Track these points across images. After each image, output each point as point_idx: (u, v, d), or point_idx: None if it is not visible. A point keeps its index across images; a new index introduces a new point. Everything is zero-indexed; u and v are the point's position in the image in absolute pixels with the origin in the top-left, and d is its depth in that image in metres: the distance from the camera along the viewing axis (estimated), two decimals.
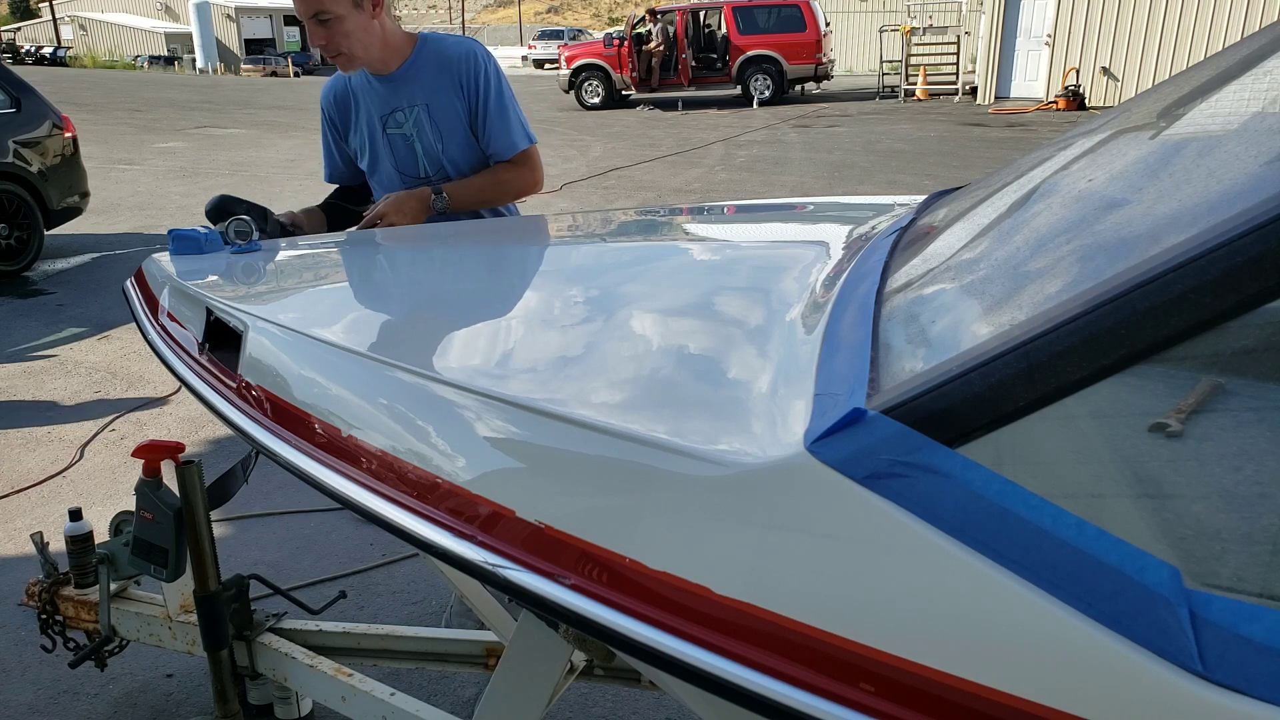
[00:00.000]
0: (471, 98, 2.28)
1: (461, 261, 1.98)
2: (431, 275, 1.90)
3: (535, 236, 2.22)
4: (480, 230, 2.25)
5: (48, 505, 3.30)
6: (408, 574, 2.83)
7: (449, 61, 2.27)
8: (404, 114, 2.30)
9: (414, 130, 2.31)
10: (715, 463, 0.89)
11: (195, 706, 2.28)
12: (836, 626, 0.79)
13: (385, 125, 2.33)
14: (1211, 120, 1.17)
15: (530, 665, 1.44)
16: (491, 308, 1.55)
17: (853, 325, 1.07)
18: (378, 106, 2.32)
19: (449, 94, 2.27)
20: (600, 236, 2.18)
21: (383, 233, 2.19)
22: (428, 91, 2.28)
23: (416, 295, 1.73)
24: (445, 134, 2.30)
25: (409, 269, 1.94)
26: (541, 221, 2.40)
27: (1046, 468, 0.83)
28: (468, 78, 2.26)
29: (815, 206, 2.49)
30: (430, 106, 2.28)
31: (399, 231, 2.17)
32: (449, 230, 2.20)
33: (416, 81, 2.28)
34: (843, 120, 15.63)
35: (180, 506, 1.75)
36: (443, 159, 2.33)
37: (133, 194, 9.46)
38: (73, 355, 4.86)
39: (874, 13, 28.30)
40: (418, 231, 2.17)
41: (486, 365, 1.24)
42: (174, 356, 1.64)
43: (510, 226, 2.35)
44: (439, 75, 2.27)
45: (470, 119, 2.30)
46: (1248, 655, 0.66)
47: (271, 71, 37.55)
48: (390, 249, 2.05)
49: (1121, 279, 0.73)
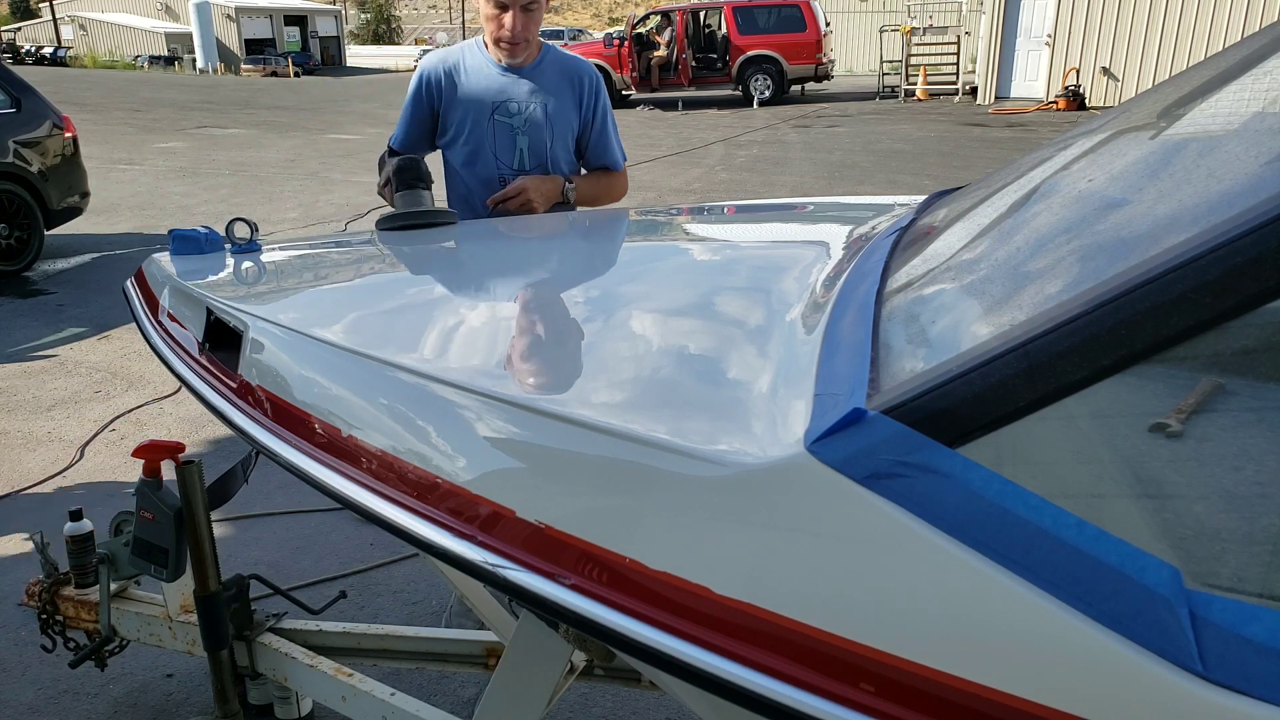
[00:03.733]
0: (588, 111, 2.48)
1: (460, 261, 1.98)
2: (430, 275, 1.90)
3: (535, 236, 2.22)
4: (480, 230, 2.25)
5: (48, 505, 3.30)
6: (408, 574, 2.83)
7: (573, 73, 2.46)
8: (518, 106, 2.41)
9: (524, 124, 2.42)
10: (715, 463, 0.89)
11: (195, 706, 2.28)
12: (836, 626, 0.79)
13: (494, 112, 2.41)
14: (1211, 120, 1.17)
15: (530, 665, 1.44)
16: (492, 307, 1.55)
17: (853, 325, 1.07)
18: (492, 93, 2.40)
19: (568, 101, 2.45)
20: (599, 237, 2.18)
21: (382, 233, 2.19)
22: (548, 93, 2.42)
23: (416, 295, 1.73)
24: (556, 135, 2.44)
25: (408, 268, 1.94)
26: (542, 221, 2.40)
27: (1047, 468, 0.83)
28: (589, 93, 2.48)
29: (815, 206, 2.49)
30: (548, 106, 2.42)
31: (397, 234, 2.17)
32: (448, 230, 2.20)
33: (539, 81, 2.42)
34: (843, 120, 15.63)
35: (180, 506, 1.74)
36: (547, 156, 2.45)
37: (133, 194, 9.46)
38: (73, 355, 4.86)
39: (874, 13, 28.30)
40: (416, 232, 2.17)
41: (486, 365, 1.24)
42: (174, 356, 1.64)
43: (510, 226, 2.35)
44: (561, 82, 2.44)
45: (581, 129, 2.49)
46: (1248, 655, 0.66)
47: (271, 72, 37.55)
48: (389, 249, 2.05)
49: (1122, 279, 0.73)
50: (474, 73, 2.41)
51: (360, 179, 10.29)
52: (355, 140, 13.94)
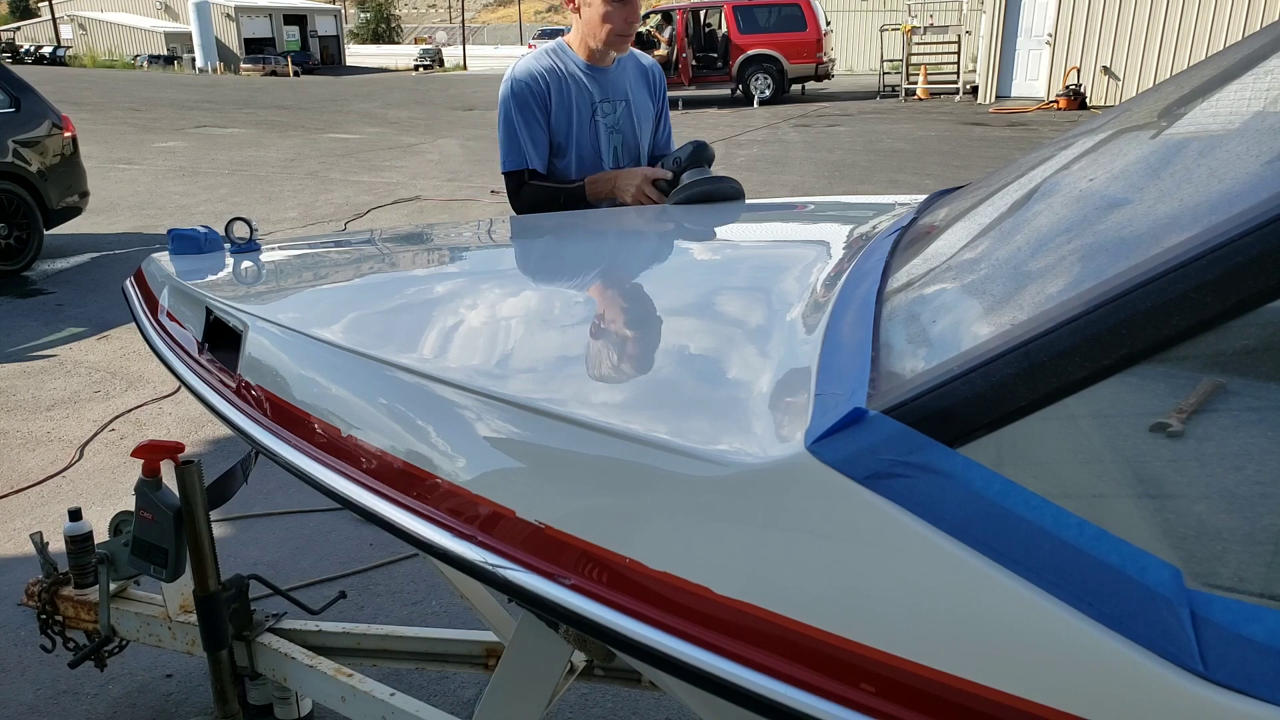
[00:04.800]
0: (658, 104, 2.59)
1: (461, 261, 1.98)
2: (430, 274, 1.90)
3: (535, 236, 2.22)
4: (480, 230, 2.25)
5: (47, 505, 3.30)
6: (408, 574, 2.83)
7: (644, 69, 2.56)
8: (611, 105, 2.48)
9: (618, 122, 2.49)
10: (716, 463, 0.89)
11: (195, 706, 2.28)
12: (836, 626, 0.79)
13: (593, 114, 2.45)
14: (1212, 120, 1.17)
15: (530, 665, 1.44)
16: (491, 307, 1.55)
17: (853, 325, 1.07)
18: (587, 95, 2.44)
19: (645, 96, 2.54)
20: (600, 236, 2.18)
21: (381, 233, 2.19)
22: (631, 90, 2.50)
23: (416, 294, 1.73)
24: (641, 130, 2.53)
25: (407, 268, 1.94)
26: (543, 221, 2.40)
27: (1047, 467, 0.83)
28: (657, 87, 2.59)
29: (815, 206, 2.49)
30: (631, 104, 2.50)
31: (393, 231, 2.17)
32: (447, 230, 2.20)
33: (623, 79, 2.49)
34: (843, 120, 15.63)
35: (180, 506, 1.74)
36: (638, 151, 2.53)
37: (132, 193, 9.45)
38: (72, 355, 4.85)
39: (875, 12, 28.28)
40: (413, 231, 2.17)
41: (486, 365, 1.24)
42: (174, 356, 1.64)
43: (510, 226, 2.35)
44: (637, 78, 2.53)
45: (654, 122, 2.59)
46: (1249, 655, 0.66)
47: (271, 71, 37.53)
48: (389, 248, 2.05)
49: (1122, 279, 0.73)
50: (569, 77, 2.42)
51: (360, 178, 10.30)
52: (355, 140, 13.94)
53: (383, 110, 18.88)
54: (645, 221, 2.17)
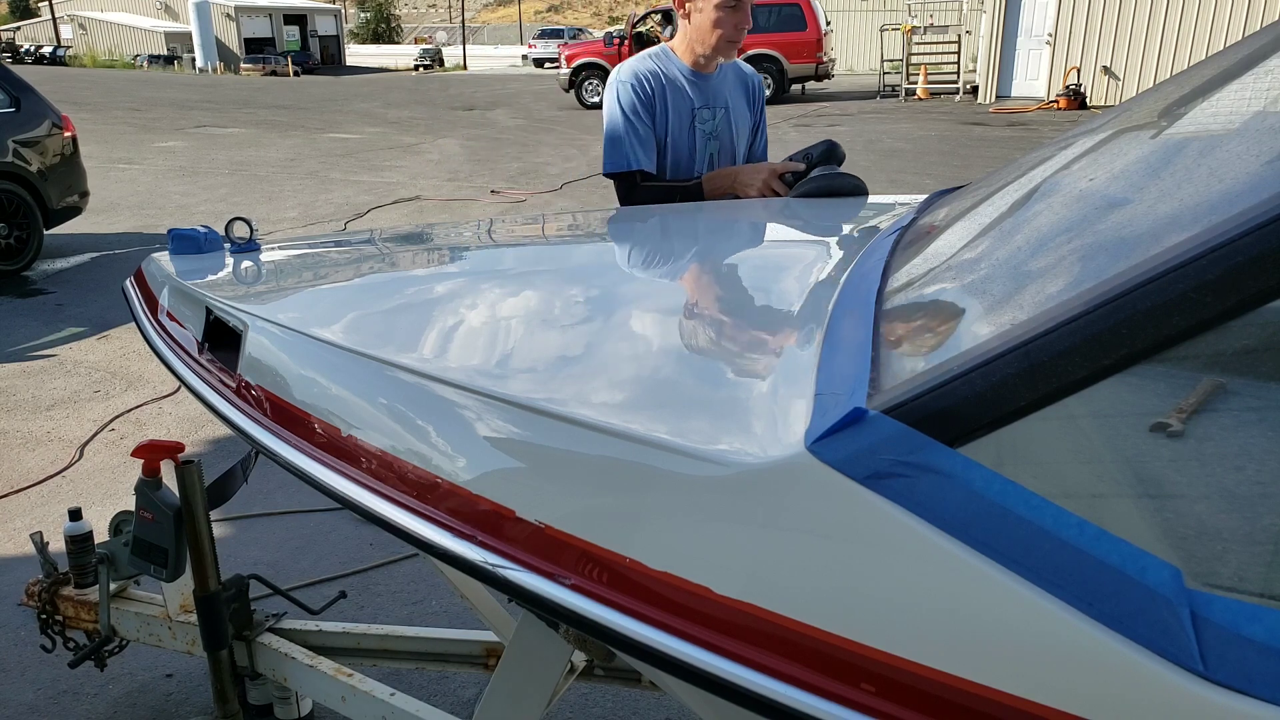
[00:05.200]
0: (756, 112, 2.61)
1: (461, 261, 1.98)
2: (430, 274, 1.90)
3: (536, 236, 2.22)
4: (480, 230, 2.25)
5: (47, 505, 3.30)
6: (408, 574, 2.83)
7: (744, 76, 2.59)
8: (710, 112, 2.48)
9: (716, 128, 2.49)
10: (716, 463, 0.89)
11: (195, 706, 2.28)
12: (836, 626, 0.79)
13: (693, 119, 2.46)
14: (1212, 119, 1.17)
15: (530, 665, 1.44)
16: (491, 307, 1.55)
17: (853, 325, 1.07)
18: (687, 100, 2.45)
19: (743, 103, 2.55)
20: (600, 236, 2.18)
21: (381, 233, 2.19)
22: (731, 97, 2.51)
23: (416, 294, 1.73)
24: (738, 138, 2.54)
25: (407, 268, 1.94)
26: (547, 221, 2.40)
27: (1047, 467, 0.83)
28: (756, 94, 2.61)
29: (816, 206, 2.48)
30: (730, 111, 2.51)
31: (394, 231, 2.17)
32: (447, 229, 2.20)
33: (723, 86, 2.50)
34: (843, 119, 15.62)
35: (180, 506, 1.74)
36: (734, 159, 2.54)
37: (132, 193, 9.45)
38: (73, 355, 4.85)
39: (875, 12, 28.28)
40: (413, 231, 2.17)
41: (487, 365, 1.24)
42: (174, 356, 1.64)
43: (510, 226, 2.35)
44: (737, 85, 2.55)
45: (751, 132, 2.60)
46: (1249, 655, 0.66)
47: (271, 71, 37.54)
48: (389, 248, 2.05)
49: (1122, 279, 0.73)
50: (672, 82, 2.44)
51: (360, 178, 10.30)
52: (355, 139, 13.94)
53: (383, 110, 18.88)
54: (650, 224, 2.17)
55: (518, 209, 8.73)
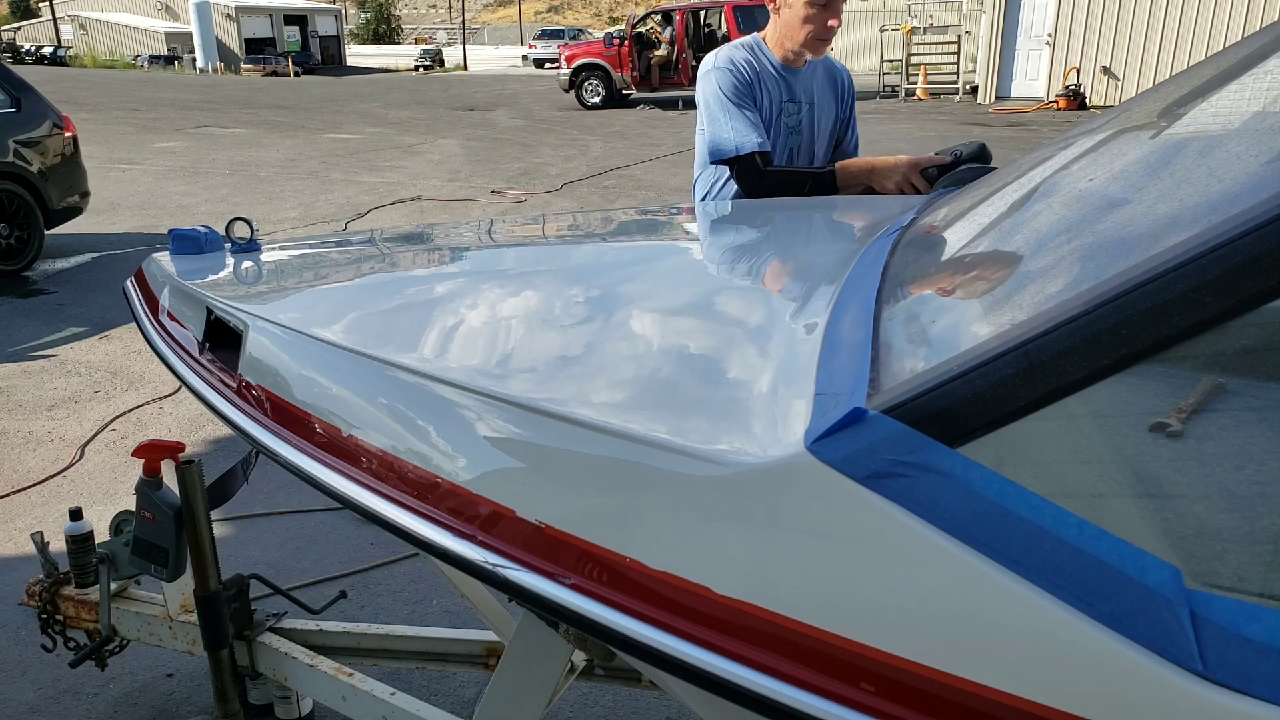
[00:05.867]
0: (844, 108, 2.59)
1: (461, 261, 1.98)
2: (430, 274, 1.90)
3: (536, 236, 2.22)
4: (480, 230, 2.25)
5: (48, 505, 3.30)
6: (408, 574, 2.83)
7: (834, 73, 2.57)
8: (795, 106, 2.48)
9: (799, 123, 2.49)
10: (716, 462, 0.89)
11: (195, 706, 2.28)
12: (836, 626, 0.79)
13: (781, 113, 2.46)
14: (1212, 120, 1.17)
15: (530, 665, 1.44)
16: (491, 307, 1.55)
17: (853, 325, 1.07)
18: (777, 93, 2.45)
19: (830, 100, 2.54)
20: (600, 236, 2.18)
21: (381, 233, 2.19)
22: (819, 94, 2.51)
23: (417, 294, 1.73)
24: (819, 134, 2.52)
25: (408, 268, 1.94)
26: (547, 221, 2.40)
27: (1047, 467, 0.83)
28: (845, 91, 2.59)
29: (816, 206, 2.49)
30: (815, 107, 2.50)
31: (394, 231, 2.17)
32: (447, 230, 2.20)
33: (812, 82, 2.50)
34: None
35: (180, 506, 1.74)
36: (814, 156, 2.52)
37: (133, 193, 9.46)
38: (73, 355, 4.85)
39: (874, 12, 28.27)
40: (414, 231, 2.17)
41: (487, 365, 1.24)
42: (174, 356, 1.64)
43: (510, 226, 2.35)
44: (825, 82, 2.53)
45: (836, 125, 2.58)
46: (1248, 655, 0.66)
47: (271, 71, 37.54)
48: (389, 248, 2.05)
49: (1122, 279, 0.73)
50: (764, 74, 2.44)
51: (360, 178, 10.30)
52: (355, 140, 13.95)
53: (383, 110, 18.88)
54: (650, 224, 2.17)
55: (518, 209, 8.73)
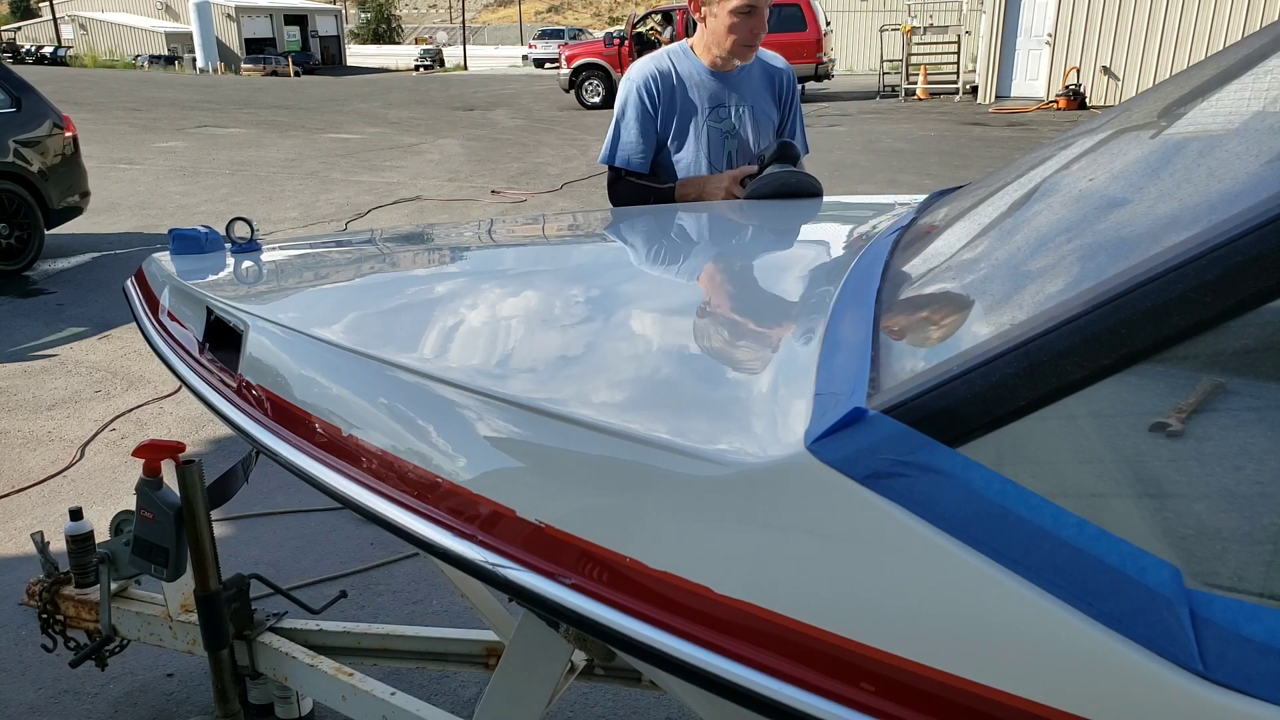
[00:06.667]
0: (785, 107, 2.57)
1: (462, 261, 1.98)
2: (430, 274, 1.90)
3: (536, 236, 2.22)
4: (480, 230, 2.25)
5: (48, 505, 3.30)
6: (408, 574, 2.83)
7: (772, 72, 2.54)
8: (728, 110, 2.47)
9: (734, 126, 2.48)
10: (716, 462, 0.89)
11: (195, 706, 2.28)
12: (836, 626, 0.79)
13: (708, 116, 2.45)
14: (1212, 120, 1.17)
15: (530, 665, 1.44)
16: (491, 307, 1.55)
17: (853, 325, 1.07)
18: (705, 98, 2.45)
19: (768, 100, 2.52)
20: (600, 236, 2.18)
21: (382, 233, 2.19)
22: (753, 95, 2.49)
23: (417, 294, 1.73)
24: (760, 134, 2.51)
25: (408, 268, 1.94)
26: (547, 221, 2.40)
27: (1047, 467, 0.83)
28: (786, 90, 2.56)
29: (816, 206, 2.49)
30: (753, 109, 2.49)
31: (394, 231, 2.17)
32: (447, 230, 2.21)
33: (746, 83, 2.48)
34: (843, 119, 15.62)
35: (180, 506, 1.74)
36: (753, 157, 2.48)
37: (133, 193, 9.46)
38: (73, 355, 4.85)
39: (874, 12, 28.29)
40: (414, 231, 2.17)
41: (487, 365, 1.24)
42: (174, 356, 1.64)
43: (510, 226, 2.35)
44: (762, 82, 2.51)
45: (778, 125, 2.56)
46: (1248, 655, 0.66)
47: (272, 71, 37.56)
48: (389, 248, 2.05)
49: (1122, 279, 0.73)
50: (687, 79, 2.44)
51: (360, 178, 10.30)
52: (355, 140, 13.95)
53: (383, 110, 18.89)
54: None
55: (518, 209, 8.73)
